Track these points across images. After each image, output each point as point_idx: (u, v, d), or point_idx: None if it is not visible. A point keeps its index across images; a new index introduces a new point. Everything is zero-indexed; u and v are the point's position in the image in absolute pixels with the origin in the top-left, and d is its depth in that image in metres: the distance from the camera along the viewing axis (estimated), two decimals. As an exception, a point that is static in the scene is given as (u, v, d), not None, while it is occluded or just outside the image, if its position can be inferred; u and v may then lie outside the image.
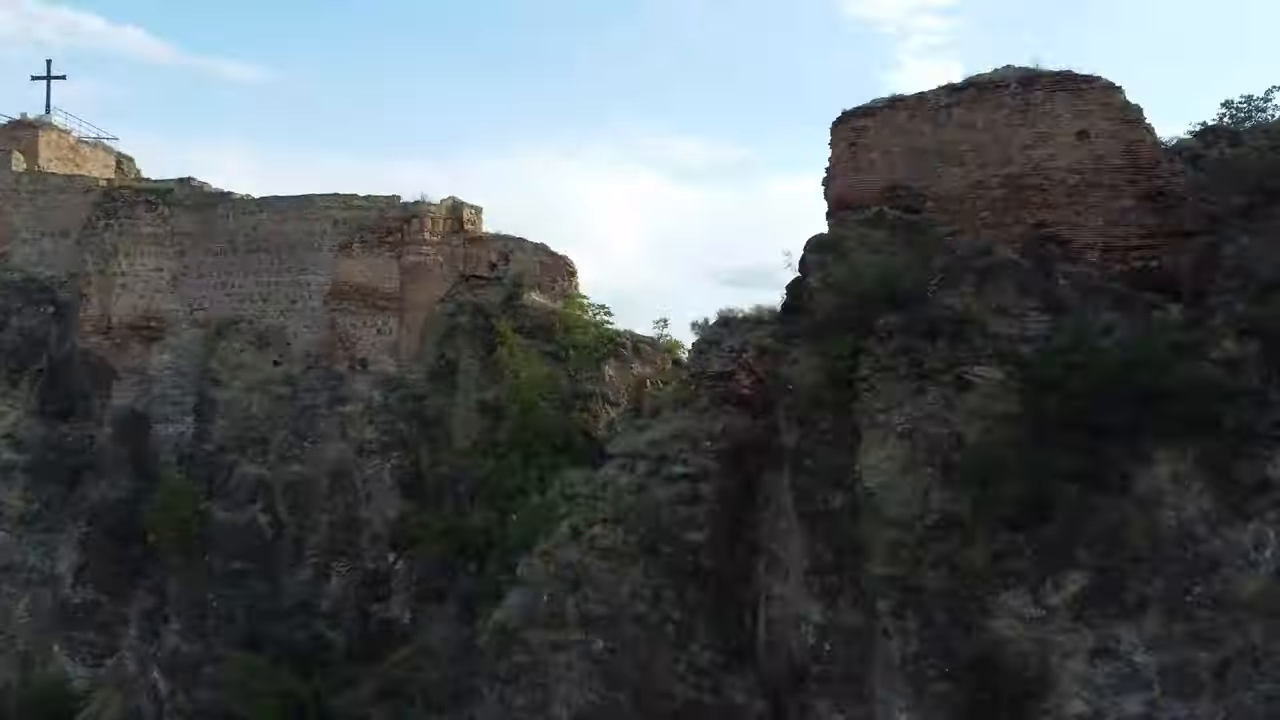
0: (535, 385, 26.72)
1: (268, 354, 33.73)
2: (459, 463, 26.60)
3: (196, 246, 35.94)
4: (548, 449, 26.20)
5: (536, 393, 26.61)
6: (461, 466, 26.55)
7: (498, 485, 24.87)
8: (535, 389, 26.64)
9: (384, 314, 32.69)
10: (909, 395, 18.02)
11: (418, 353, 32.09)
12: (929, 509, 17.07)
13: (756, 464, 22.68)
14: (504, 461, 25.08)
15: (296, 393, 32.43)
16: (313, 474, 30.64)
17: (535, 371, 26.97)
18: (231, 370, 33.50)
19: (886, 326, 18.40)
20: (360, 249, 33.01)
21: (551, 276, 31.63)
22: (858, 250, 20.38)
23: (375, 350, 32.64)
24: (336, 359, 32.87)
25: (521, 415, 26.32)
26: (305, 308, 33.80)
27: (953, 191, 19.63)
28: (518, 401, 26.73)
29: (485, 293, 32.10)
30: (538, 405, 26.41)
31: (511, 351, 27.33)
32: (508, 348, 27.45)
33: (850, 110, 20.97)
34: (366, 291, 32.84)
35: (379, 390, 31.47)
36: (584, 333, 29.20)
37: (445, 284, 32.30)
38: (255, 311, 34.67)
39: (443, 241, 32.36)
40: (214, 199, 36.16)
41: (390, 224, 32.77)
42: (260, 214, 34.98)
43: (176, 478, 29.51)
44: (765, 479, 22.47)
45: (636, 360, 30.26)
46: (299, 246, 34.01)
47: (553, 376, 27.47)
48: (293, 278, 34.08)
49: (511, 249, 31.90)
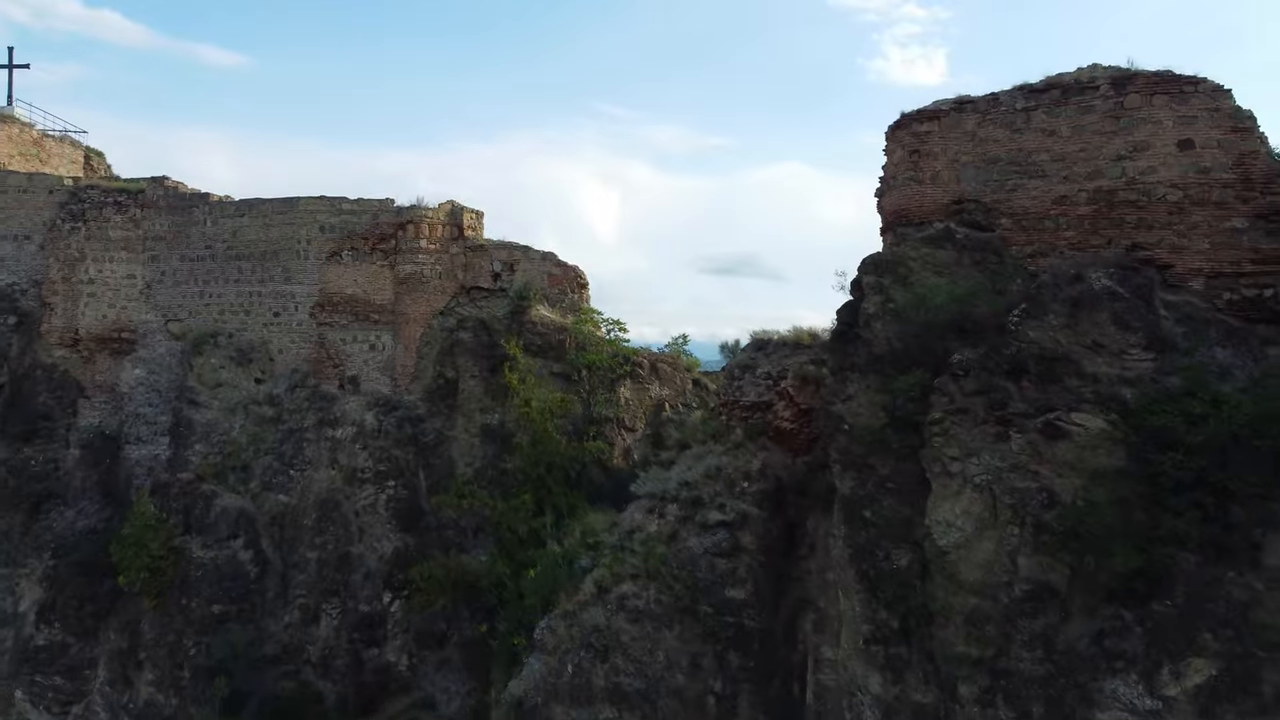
0: (548, 414, 24.54)
1: (250, 371, 31.45)
2: (462, 503, 24.33)
3: (171, 252, 33.71)
4: (560, 483, 24.04)
5: (549, 422, 24.41)
6: (465, 508, 24.27)
7: (509, 530, 22.65)
8: (548, 418, 24.46)
9: (377, 328, 30.44)
10: (988, 442, 16.02)
11: (414, 371, 29.88)
12: (1017, 576, 15.06)
13: (799, 506, 20.75)
14: (514, 502, 22.86)
15: (281, 414, 30.14)
16: (299, 505, 28.39)
17: (548, 398, 24.79)
18: (210, 389, 31.19)
19: (962, 363, 16.37)
20: (350, 257, 30.74)
21: (560, 288, 29.44)
22: (921, 272, 18.34)
23: (367, 368, 30.40)
24: (325, 377, 30.62)
25: (532, 447, 24.13)
26: (291, 321, 31.52)
27: (1031, 207, 17.58)
28: (528, 432, 24.52)
29: (488, 305, 29.91)
30: (550, 435, 24.23)
31: (521, 377, 25.10)
32: (517, 372, 25.23)
33: (910, 113, 18.86)
34: (357, 303, 30.59)
35: (372, 412, 29.23)
36: (598, 352, 27.05)
37: (444, 296, 30.08)
38: (236, 324, 32.40)
39: (441, 249, 30.11)
40: (190, 200, 33.79)
41: (383, 230, 30.50)
42: (241, 218, 32.64)
43: (149, 510, 27.14)
44: (809, 523, 20.53)
45: (654, 380, 28.15)
46: (283, 253, 31.71)
47: (566, 403, 25.29)
48: (277, 288, 31.79)
49: (516, 258, 29.68)
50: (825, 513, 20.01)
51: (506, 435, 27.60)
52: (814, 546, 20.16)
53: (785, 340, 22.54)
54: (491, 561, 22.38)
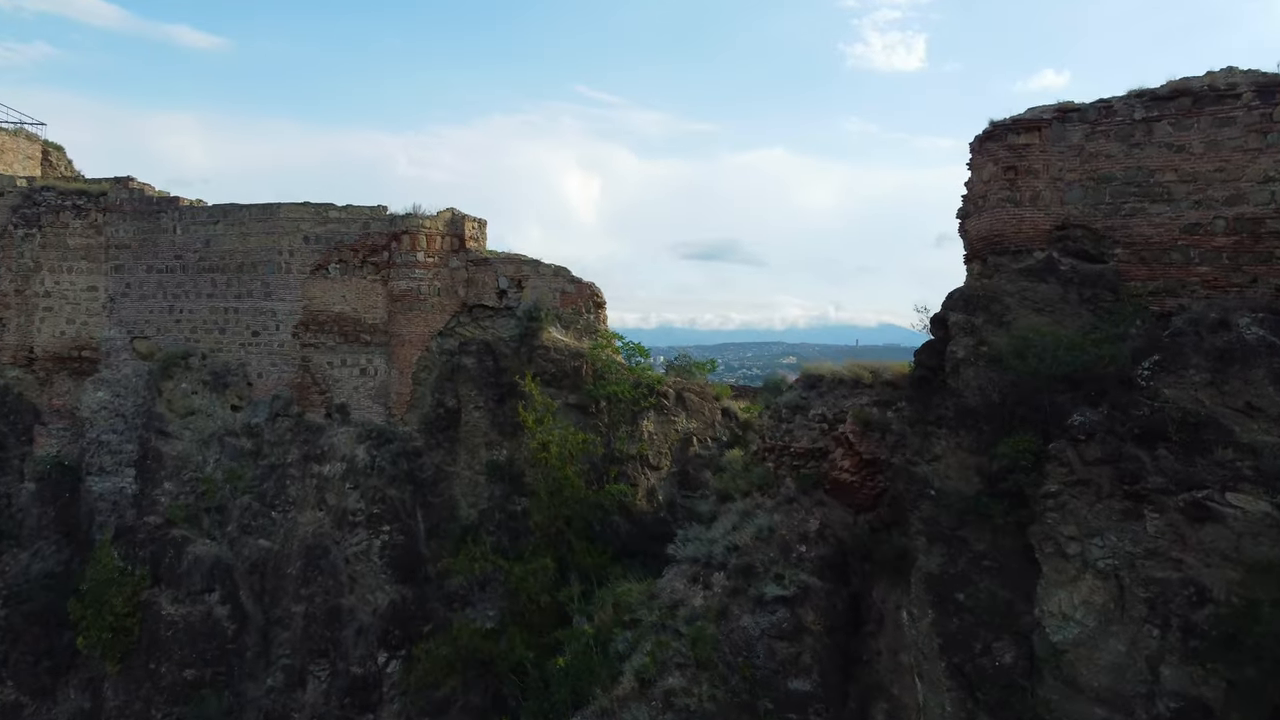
0: (568, 457, 22.01)
1: (225, 397, 28.73)
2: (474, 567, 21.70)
3: (137, 262, 30.94)
4: (582, 536, 21.53)
5: (569, 467, 21.88)
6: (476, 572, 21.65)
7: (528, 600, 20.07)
8: (567, 463, 21.93)
9: (368, 350, 27.78)
10: (1114, 521, 13.75)
11: (410, 399, 27.26)
12: (1160, 689, 12.73)
13: (863, 572, 18.37)
14: (533, 565, 20.29)
15: (261, 447, 27.47)
16: (283, 552, 25.77)
17: (568, 440, 22.24)
18: (181, 417, 28.45)
19: (1084, 426, 13.97)
20: (338, 270, 28.04)
21: (575, 307, 26.86)
22: (1019, 309, 15.95)
23: (358, 395, 27.75)
24: (310, 405, 27.95)
25: (550, 498, 21.59)
26: (271, 341, 28.80)
27: (1154, 236, 15.19)
28: (545, 479, 21.95)
29: (493, 326, 27.31)
30: (571, 482, 21.70)
31: (538, 416, 22.52)
32: (533, 411, 22.65)
33: (1004, 122, 16.39)
34: (346, 322, 27.91)
35: (363, 446, 26.60)
36: (618, 381, 24.51)
37: (443, 315, 27.45)
38: (210, 344, 29.66)
39: (439, 263, 27.47)
40: (158, 205, 30.96)
41: (374, 240, 27.81)
42: (214, 225, 29.86)
43: (111, 560, 24.45)
44: (875, 593, 18.17)
45: (680, 412, 25.66)
46: (263, 266, 28.97)
47: (587, 444, 22.76)
48: (255, 304, 29.05)
49: (525, 273, 27.08)
50: (895, 581, 17.72)
51: (516, 474, 25.09)
52: (882, 620, 17.82)
53: (841, 378, 20.11)
54: (509, 641, 19.74)
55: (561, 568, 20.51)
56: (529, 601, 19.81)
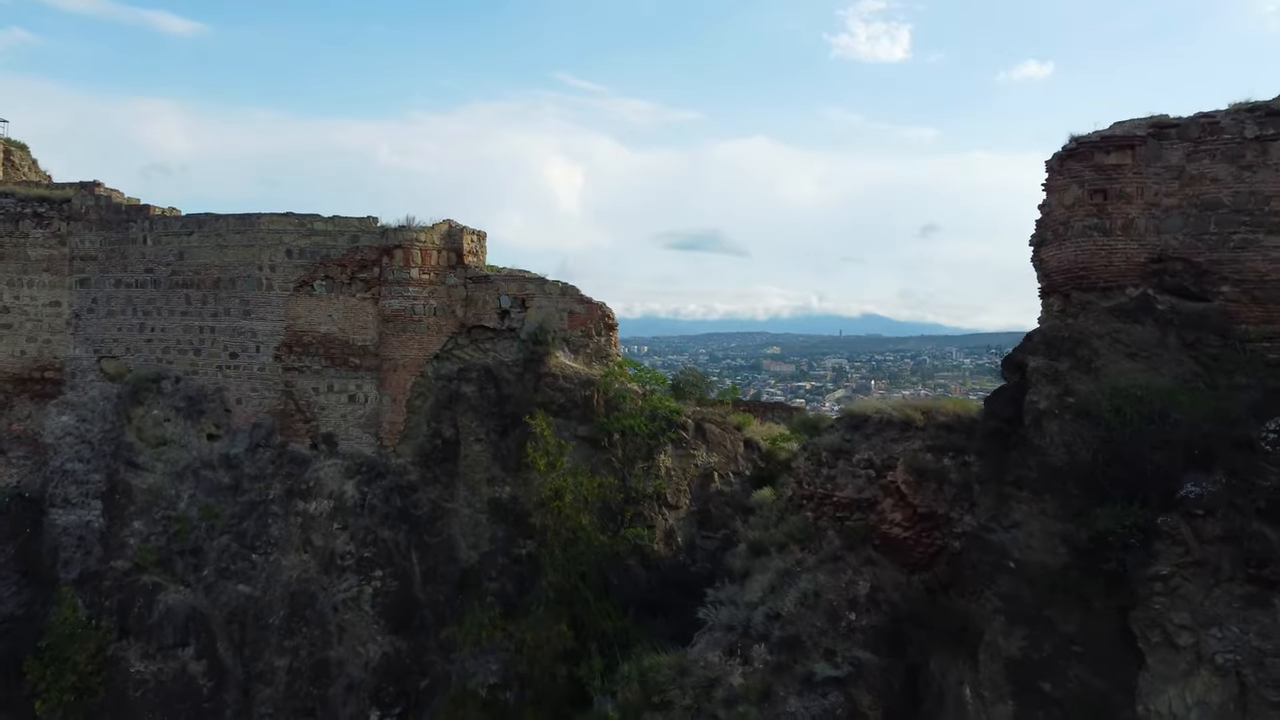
0: (583, 505, 20.10)
1: (201, 425, 26.70)
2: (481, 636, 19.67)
3: (104, 275, 28.87)
4: (597, 592, 19.64)
5: (584, 515, 19.98)
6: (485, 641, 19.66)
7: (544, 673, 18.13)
8: (582, 510, 20.03)
9: (357, 375, 25.78)
10: (1236, 609, 12.02)
11: (403, 429, 25.31)
12: (1300, 814, 10.91)
13: (919, 640, 16.57)
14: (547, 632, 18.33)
15: (241, 482, 25.46)
16: (264, 599, 23.79)
17: (585, 486, 20.33)
18: (152, 447, 26.41)
19: (1201, 498, 12.15)
20: (324, 288, 26.01)
21: (584, 329, 24.93)
22: (1109, 354, 14.14)
23: (346, 424, 25.75)
24: (294, 434, 25.93)
25: (564, 553, 19.66)
26: (251, 364, 26.76)
27: (1271, 271, 13.42)
28: (559, 530, 20.04)
29: (494, 349, 25.37)
30: (587, 533, 19.80)
31: (551, 460, 20.57)
32: (544, 453, 20.70)
33: (1090, 138, 14.54)
34: (333, 344, 25.90)
35: (353, 481, 24.63)
36: (634, 414, 22.60)
37: (439, 336, 25.47)
38: (184, 366, 27.60)
39: (435, 280, 25.47)
40: (127, 214, 28.86)
41: (364, 255, 25.80)
42: (188, 236, 27.76)
43: (74, 612, 22.40)
44: (933, 665, 16.38)
45: (700, 445, 23.78)
46: (241, 281, 26.90)
47: (604, 489, 20.85)
48: (234, 323, 26.99)
49: (529, 291, 25.11)
50: (956, 653, 15.94)
51: (522, 514, 23.20)
52: (943, 698, 16.06)
53: (889, 419, 18.27)
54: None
55: (577, 629, 18.63)
56: (546, 677, 17.91)
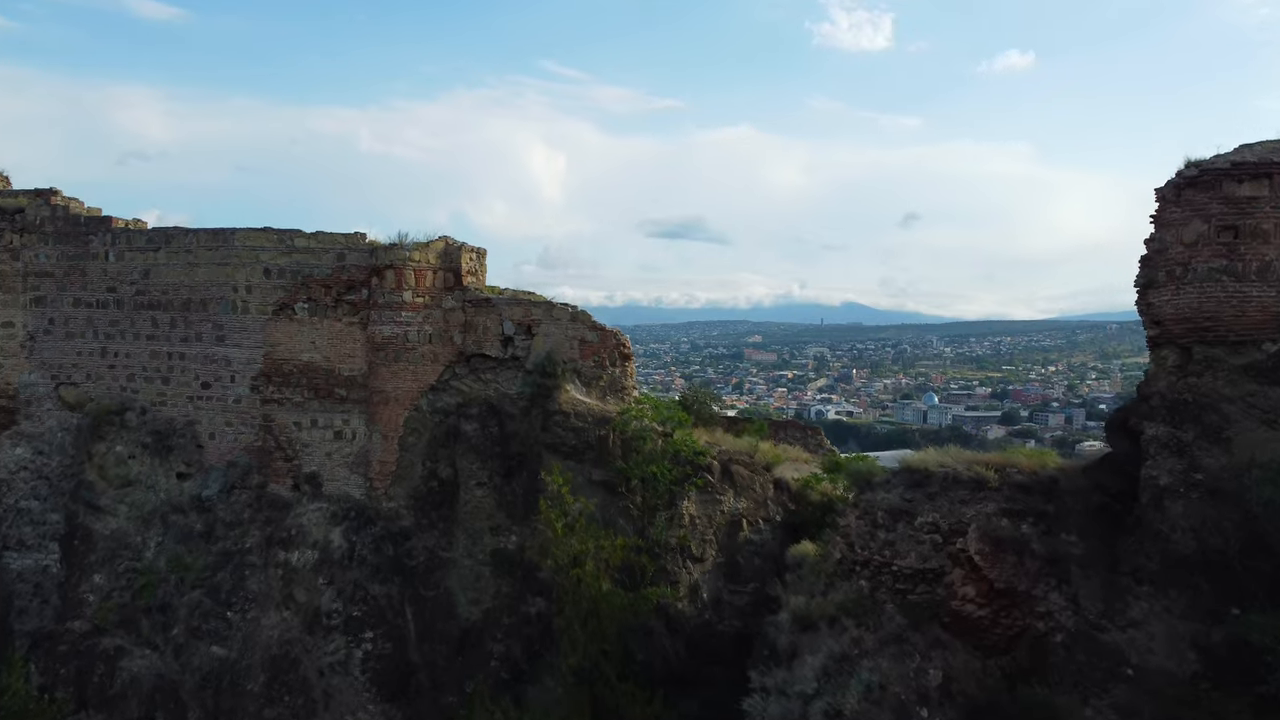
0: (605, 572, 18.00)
1: (169, 463, 24.40)
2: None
3: (62, 294, 26.50)
4: (619, 667, 17.56)
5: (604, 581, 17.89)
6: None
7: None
8: (603, 577, 17.92)
9: (344, 409, 23.53)
10: None
11: (395, 469, 23.07)
12: None
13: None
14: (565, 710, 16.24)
15: (214, 528, 23.20)
16: (242, 662, 21.60)
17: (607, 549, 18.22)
18: (116, 488, 24.12)
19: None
20: (307, 311, 23.72)
21: (597, 360, 22.75)
22: (1244, 421, 12.15)
23: (331, 463, 23.50)
24: (275, 475, 23.68)
25: (584, 628, 17.54)
26: (226, 395, 24.45)
27: None
28: (577, 606, 17.91)
29: (497, 381, 23.18)
30: (609, 602, 17.71)
31: (569, 521, 18.45)
32: (561, 513, 18.56)
33: (1215, 163, 12.47)
34: (317, 374, 23.63)
35: (340, 528, 22.44)
36: (656, 457, 20.47)
37: (435, 366, 23.25)
38: (151, 395, 25.27)
39: (431, 303, 23.23)
40: (87, 226, 26.44)
41: (351, 276, 23.51)
42: (155, 251, 25.38)
43: (23, 683, 20.11)
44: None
45: (727, 489, 21.69)
46: (214, 303, 24.57)
47: (626, 550, 18.73)
48: (206, 349, 24.67)
49: (535, 317, 22.90)
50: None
51: (530, 567, 21.09)
52: (1028, 808, 14.01)
53: (956, 476, 16.24)
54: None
55: (598, 713, 16.53)
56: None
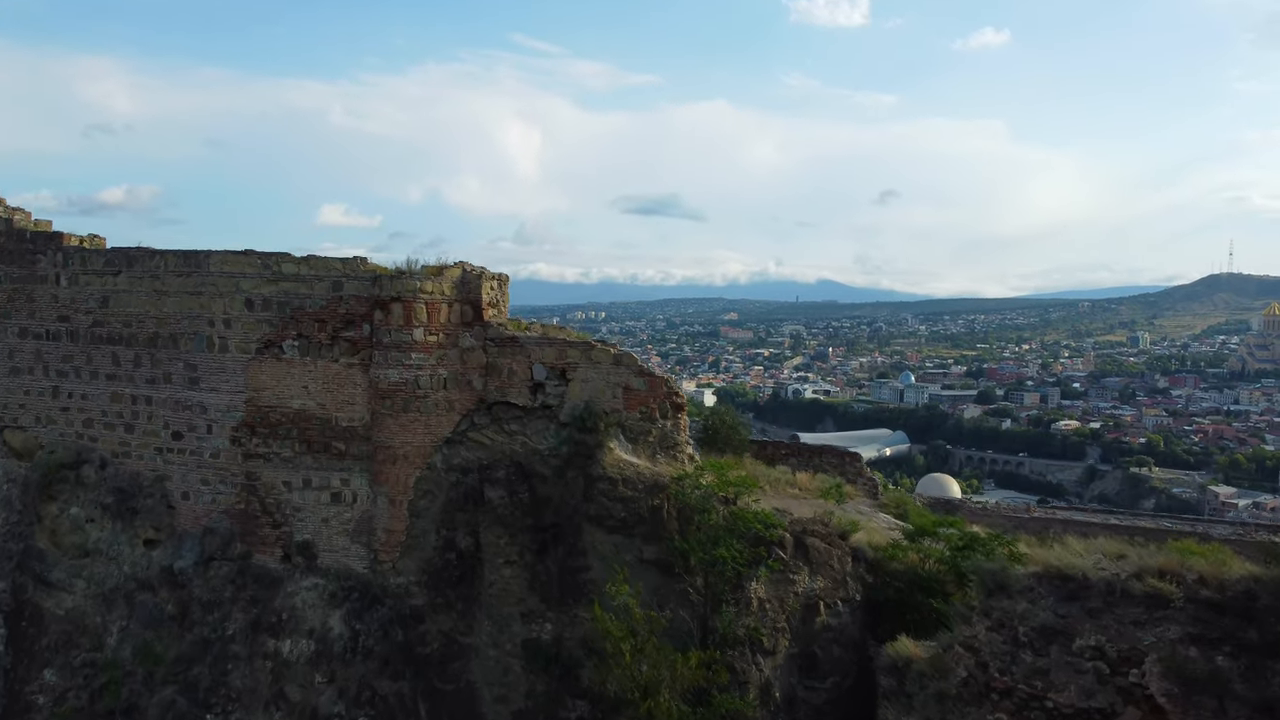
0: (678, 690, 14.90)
1: (135, 528, 21.05)
2: None
3: (6, 322, 23.11)
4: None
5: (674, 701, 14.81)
6: None
7: None
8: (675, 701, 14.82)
9: (343, 465, 20.22)
10: None
11: (404, 537, 19.82)
12: None
13: None
14: None
15: (189, 609, 19.90)
16: (224, 777, 18.28)
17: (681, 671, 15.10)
18: (72, 558, 20.75)
19: None
20: (297, 350, 20.33)
21: (644, 411, 19.53)
22: None
23: (328, 531, 20.22)
24: (261, 543, 20.36)
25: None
26: (201, 447, 21.06)
27: None
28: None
29: (524, 433, 19.95)
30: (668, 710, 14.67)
31: (639, 643, 15.31)
32: (624, 634, 15.39)
33: None
34: (309, 424, 20.29)
35: (340, 611, 19.23)
36: (722, 537, 17.33)
37: (451, 415, 19.98)
38: (113, 445, 21.87)
39: (446, 342, 19.92)
40: (34, 243, 22.90)
41: (350, 308, 20.13)
42: (115, 275, 21.89)
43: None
44: None
45: (801, 566, 18.63)
46: (186, 339, 21.13)
47: (708, 673, 15.61)
48: (177, 393, 21.23)
49: (571, 360, 19.65)
50: None
51: (570, 663, 18.07)
52: None
53: (1123, 588, 13.20)
54: None
55: None
56: None
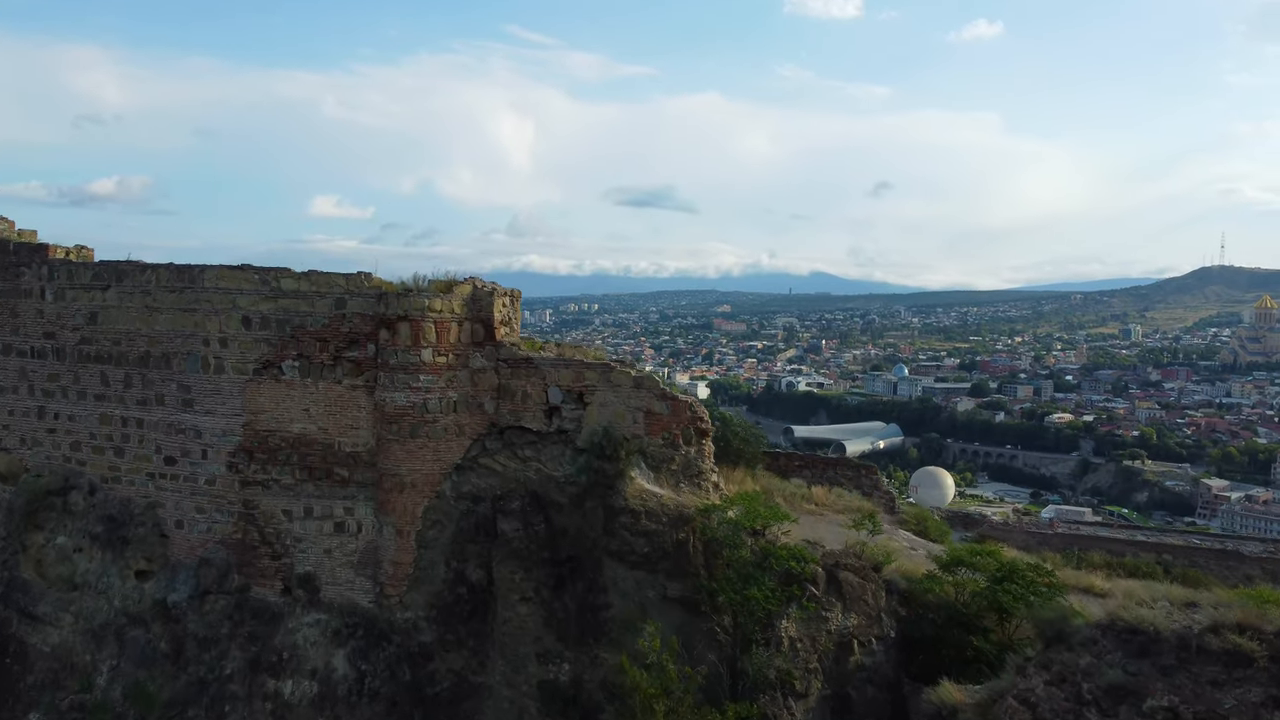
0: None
1: (127, 559, 20.00)
2: None
3: (-12, 338, 21.72)
4: None
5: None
6: None
7: None
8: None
9: (346, 493, 19.18)
10: None
11: (412, 570, 18.80)
12: None
13: None
14: None
15: (184, 646, 18.88)
16: (222, 828, 17.27)
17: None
18: (59, 591, 19.70)
19: None
20: (297, 371, 19.27)
21: (667, 436, 18.51)
22: None
23: (331, 562, 19.18)
24: (260, 576, 19.34)
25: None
26: (196, 473, 20.00)
27: None
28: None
29: (539, 459, 18.95)
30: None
31: (674, 707, 14.30)
32: (659, 697, 14.39)
33: None
34: (311, 449, 19.24)
35: (344, 649, 18.24)
36: (754, 576, 16.35)
37: (461, 441, 18.97)
38: (102, 469, 20.81)
39: (456, 363, 18.89)
40: (17, 255, 21.79)
41: (355, 327, 19.08)
42: (104, 290, 20.79)
43: None
44: None
45: (835, 603, 17.67)
46: (179, 358, 20.04)
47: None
48: (170, 415, 20.16)
49: (589, 382, 18.62)
50: None
51: (590, 706, 17.05)
52: None
53: (1199, 643, 12.22)
54: None
55: None
56: None
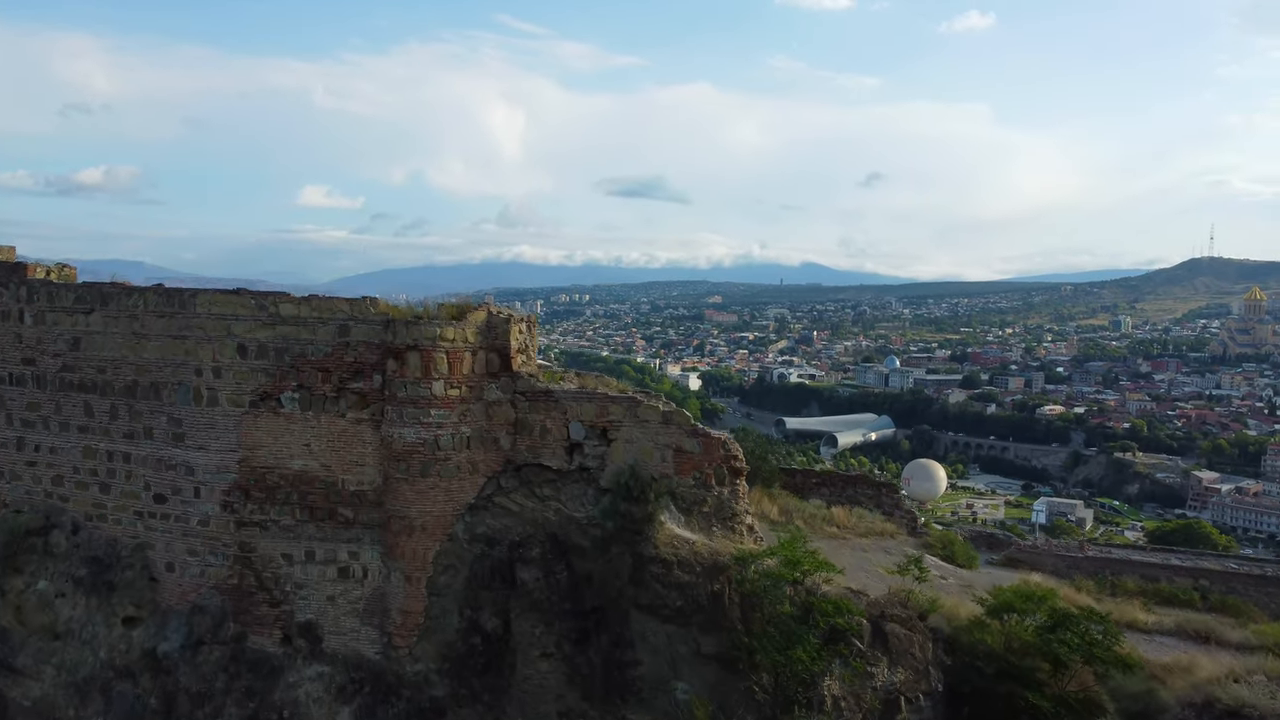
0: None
1: (113, 605, 18.69)
2: None
3: (-36, 364, 20.35)
4: None
5: None
6: None
7: None
8: None
9: (350, 536, 17.87)
10: None
11: (422, 619, 17.50)
12: None
13: None
14: None
15: (175, 701, 17.59)
16: None
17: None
18: (40, 640, 18.33)
19: None
20: (297, 403, 17.95)
21: (699, 476, 17.23)
22: None
23: (335, 610, 17.89)
24: (257, 624, 18.02)
25: None
26: (188, 513, 18.67)
27: None
28: None
29: (559, 498, 17.68)
30: None
31: None
32: None
33: None
34: (313, 488, 17.93)
35: (350, 706, 16.95)
36: (798, 635, 15.12)
37: (475, 479, 17.67)
38: (86, 506, 19.49)
39: (470, 395, 17.58)
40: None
41: (359, 356, 17.75)
42: (86, 315, 19.43)
43: None
44: None
45: (880, 656, 16.43)
46: (169, 389, 18.70)
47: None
48: (159, 450, 18.83)
49: (614, 417, 17.34)
50: None
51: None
52: None
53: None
54: None
55: None
56: None
